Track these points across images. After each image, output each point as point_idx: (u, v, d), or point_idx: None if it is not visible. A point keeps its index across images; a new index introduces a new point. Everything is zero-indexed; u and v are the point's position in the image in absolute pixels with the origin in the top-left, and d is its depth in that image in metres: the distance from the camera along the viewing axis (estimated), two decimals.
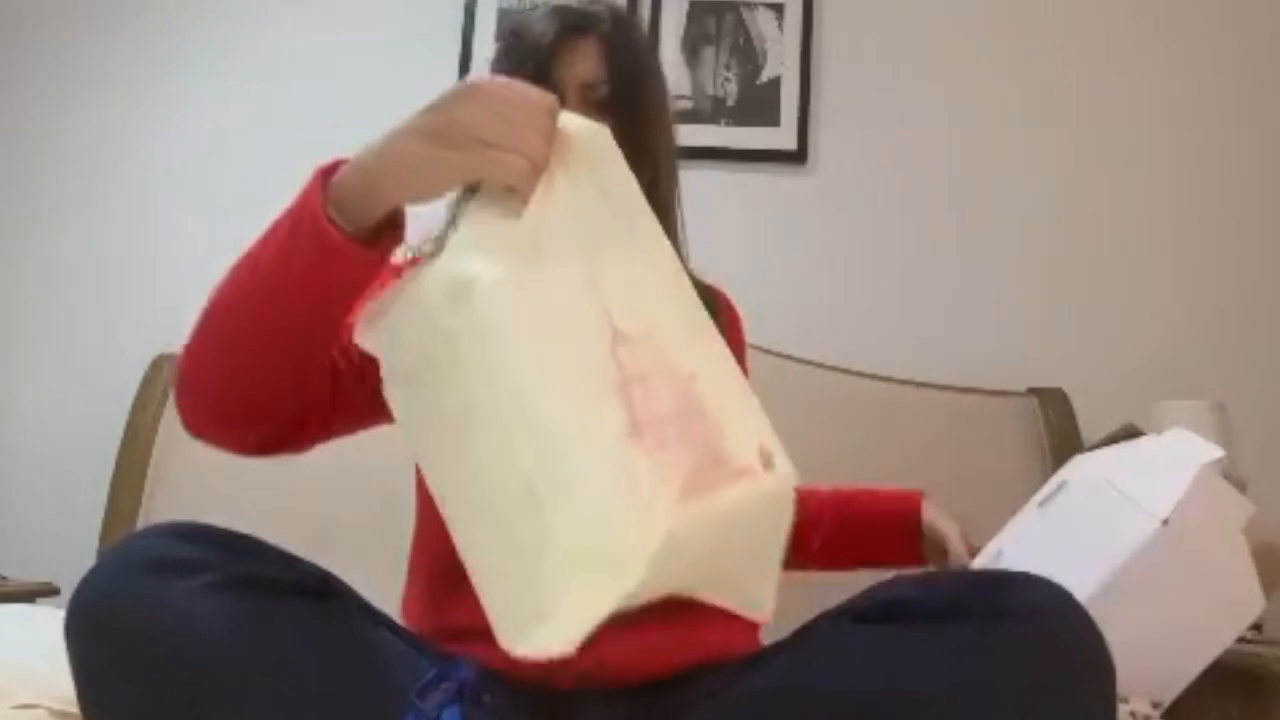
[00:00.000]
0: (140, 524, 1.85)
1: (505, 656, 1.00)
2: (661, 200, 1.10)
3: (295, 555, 0.89)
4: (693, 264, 1.15)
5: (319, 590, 0.85)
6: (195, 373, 0.90)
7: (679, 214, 1.17)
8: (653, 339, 0.72)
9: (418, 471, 1.10)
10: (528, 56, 1.09)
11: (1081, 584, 0.93)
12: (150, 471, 1.87)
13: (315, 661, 0.78)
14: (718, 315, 1.14)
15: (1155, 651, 0.97)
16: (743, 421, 0.73)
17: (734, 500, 0.70)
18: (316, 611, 0.82)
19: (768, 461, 0.72)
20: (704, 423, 0.71)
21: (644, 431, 0.68)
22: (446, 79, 2.14)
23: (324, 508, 1.80)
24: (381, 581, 1.14)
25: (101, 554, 0.82)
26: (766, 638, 1.12)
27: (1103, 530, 1.01)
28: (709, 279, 1.20)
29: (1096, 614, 0.79)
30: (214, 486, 1.85)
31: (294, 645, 0.78)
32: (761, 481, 0.72)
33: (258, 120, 2.18)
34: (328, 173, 0.85)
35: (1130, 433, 1.42)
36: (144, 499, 1.86)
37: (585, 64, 1.09)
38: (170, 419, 1.91)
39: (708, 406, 0.71)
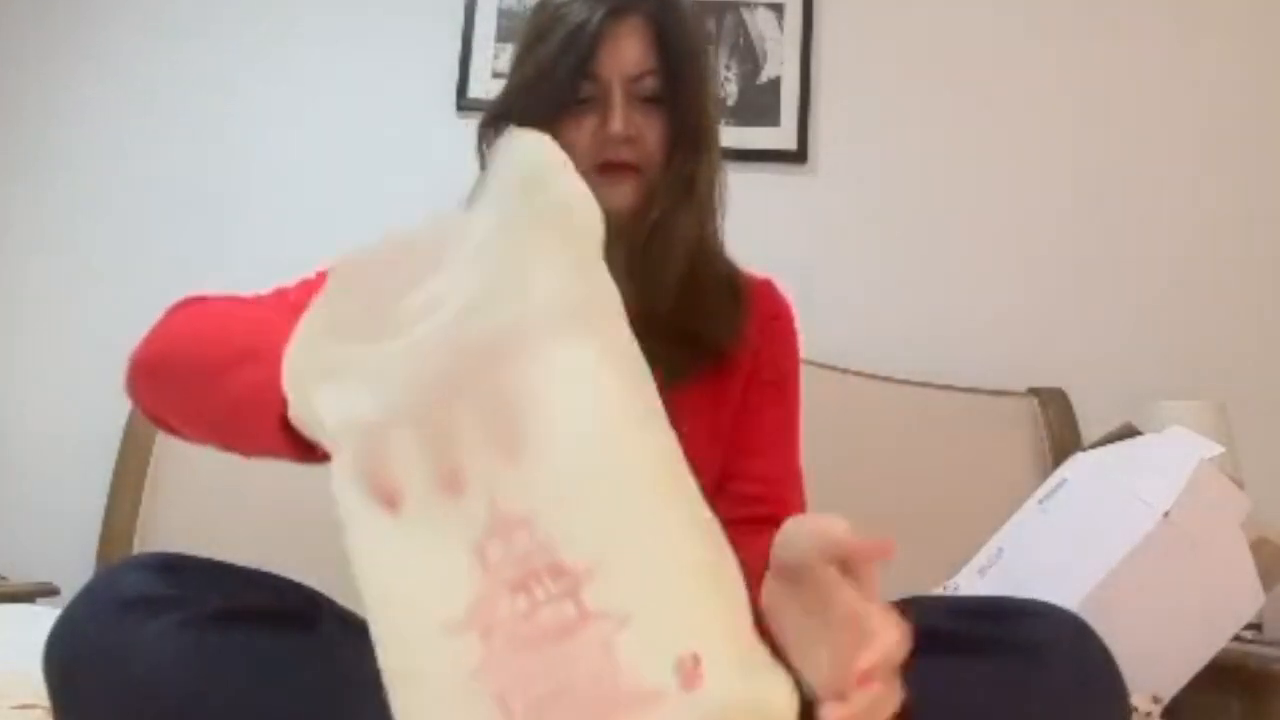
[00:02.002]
0: (140, 524, 1.85)
1: None
2: (702, 193, 1.07)
3: (281, 578, 0.86)
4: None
5: (306, 615, 0.82)
6: (144, 389, 0.87)
7: (720, 208, 1.11)
8: (539, 519, 0.55)
9: None
10: (563, 43, 1.01)
11: (1083, 578, 0.93)
12: (150, 471, 1.87)
13: (299, 697, 0.76)
14: (742, 309, 1.11)
15: (1156, 645, 0.97)
16: (663, 620, 0.54)
17: None
18: (302, 642, 0.79)
19: (692, 674, 0.53)
20: (588, 641, 0.53)
21: (496, 667, 0.53)
22: (446, 79, 2.14)
23: (324, 505, 1.80)
24: None
25: (79, 591, 0.80)
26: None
27: (1104, 524, 1.01)
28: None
29: (1098, 607, 0.78)
30: (214, 487, 1.85)
31: (276, 681, 0.76)
32: (665, 712, 0.53)
33: (257, 121, 2.18)
34: None
35: (1129, 432, 1.42)
36: (144, 499, 1.86)
37: (629, 53, 1.02)
38: None
39: (611, 601, 0.54)
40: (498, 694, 0.53)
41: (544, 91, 1.02)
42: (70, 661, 0.76)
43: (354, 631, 0.85)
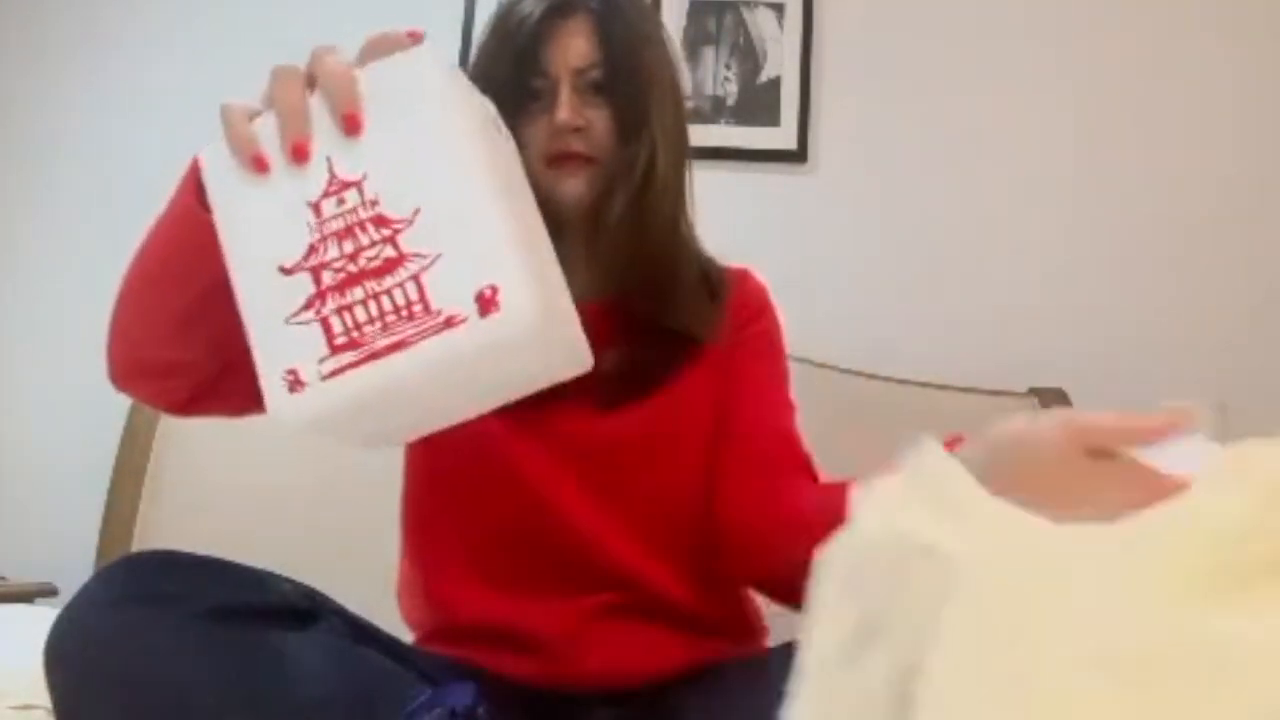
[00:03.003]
0: (139, 524, 1.85)
1: (504, 663, 0.98)
2: (661, 184, 1.04)
3: (279, 575, 0.87)
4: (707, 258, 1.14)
5: (303, 612, 0.83)
6: (111, 332, 0.95)
7: (689, 201, 1.10)
8: (369, 180, 0.68)
9: (406, 458, 1.09)
10: (512, 40, 1.04)
11: None
12: (149, 471, 1.87)
13: (296, 693, 0.76)
14: (720, 302, 1.08)
15: None
16: (466, 259, 0.66)
17: (426, 356, 0.65)
18: (299, 639, 0.80)
19: (489, 302, 0.64)
20: (403, 276, 0.66)
21: (323, 299, 0.67)
22: None
23: (322, 505, 1.80)
24: (381, 576, 1.14)
25: (80, 589, 0.80)
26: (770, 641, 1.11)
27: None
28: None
29: None
30: (212, 486, 1.85)
31: (274, 677, 0.76)
32: (465, 331, 0.64)
33: None
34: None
35: None
36: (143, 499, 1.86)
37: (575, 46, 1.03)
38: (169, 418, 1.91)
39: (424, 245, 0.66)
40: (323, 319, 0.66)
41: (495, 88, 0.99)
42: (71, 659, 0.77)
43: (351, 629, 0.86)
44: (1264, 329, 2.04)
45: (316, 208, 0.68)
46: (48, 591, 1.80)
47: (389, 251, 0.66)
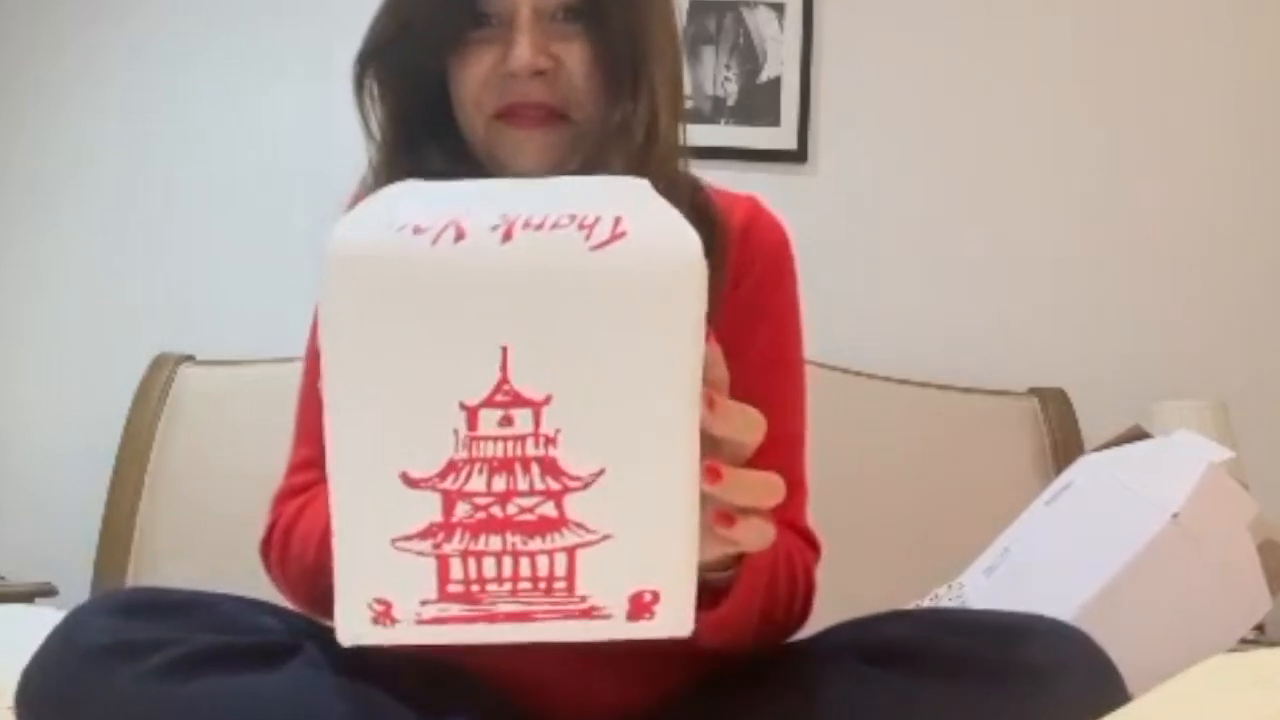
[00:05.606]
0: (139, 524, 1.85)
1: (503, 681, 0.94)
2: (662, 157, 0.83)
3: (261, 604, 0.83)
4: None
5: (284, 647, 0.78)
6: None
7: (686, 167, 0.90)
8: (553, 407, 0.50)
9: None
10: None
11: (1091, 578, 0.93)
12: (149, 471, 1.87)
13: None
14: (718, 234, 0.89)
15: (1163, 646, 0.97)
16: (638, 552, 0.51)
17: (546, 633, 0.52)
18: (276, 681, 0.75)
19: (645, 608, 0.52)
20: (556, 544, 0.51)
21: (449, 533, 0.50)
22: None
23: None
24: None
25: (49, 635, 0.77)
26: None
27: (1112, 526, 1.01)
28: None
29: (1105, 608, 0.78)
30: (213, 487, 1.84)
31: None
32: (603, 626, 0.52)
33: (253, 118, 2.17)
34: None
35: (1137, 435, 1.42)
36: (143, 499, 1.86)
37: None
38: (169, 418, 1.91)
39: (594, 518, 0.51)
40: (441, 557, 0.51)
41: (425, 15, 0.81)
42: (40, 711, 0.75)
43: (332, 658, 0.79)
44: (1264, 329, 2.04)
45: (473, 415, 0.50)
46: (48, 591, 1.80)
47: (549, 510, 0.50)
